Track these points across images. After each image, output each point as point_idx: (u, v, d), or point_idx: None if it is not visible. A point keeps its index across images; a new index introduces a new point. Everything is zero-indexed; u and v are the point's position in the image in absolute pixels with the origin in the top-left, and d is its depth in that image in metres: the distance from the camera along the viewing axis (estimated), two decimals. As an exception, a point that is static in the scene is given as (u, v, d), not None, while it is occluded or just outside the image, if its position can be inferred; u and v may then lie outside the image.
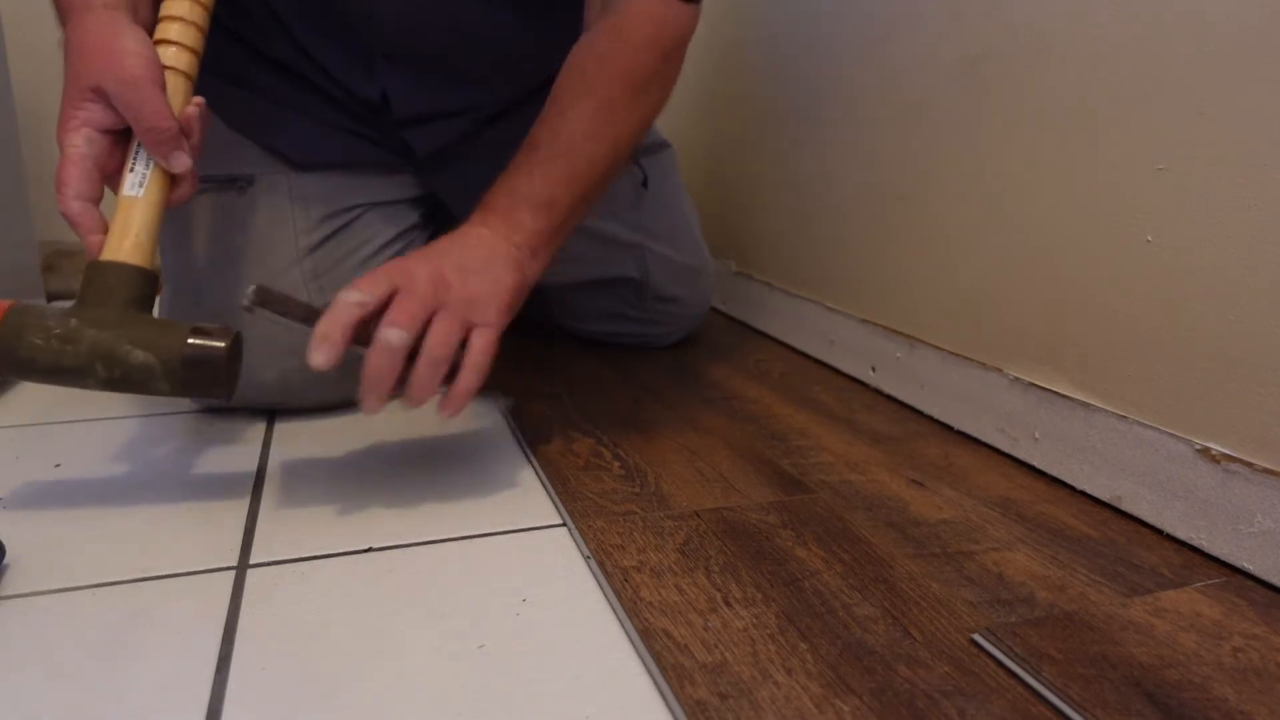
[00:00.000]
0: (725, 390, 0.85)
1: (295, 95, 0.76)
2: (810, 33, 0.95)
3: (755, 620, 0.46)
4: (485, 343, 0.56)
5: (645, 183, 0.92)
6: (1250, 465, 0.51)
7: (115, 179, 0.56)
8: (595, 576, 0.51)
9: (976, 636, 0.45)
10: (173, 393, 0.53)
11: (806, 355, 0.97)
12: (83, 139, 0.53)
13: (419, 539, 0.55)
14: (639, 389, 0.85)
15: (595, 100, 0.66)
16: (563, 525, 0.57)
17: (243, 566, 0.52)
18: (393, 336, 0.52)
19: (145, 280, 0.54)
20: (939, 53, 0.75)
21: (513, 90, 0.81)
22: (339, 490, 0.62)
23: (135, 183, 0.55)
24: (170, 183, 0.57)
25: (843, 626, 0.46)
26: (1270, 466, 0.50)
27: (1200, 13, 0.53)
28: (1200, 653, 0.44)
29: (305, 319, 0.54)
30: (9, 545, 0.52)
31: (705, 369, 0.92)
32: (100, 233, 0.54)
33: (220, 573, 0.51)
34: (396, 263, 0.58)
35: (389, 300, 0.54)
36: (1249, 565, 0.52)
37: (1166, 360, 0.57)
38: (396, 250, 0.79)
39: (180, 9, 0.58)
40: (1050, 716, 0.39)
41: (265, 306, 0.53)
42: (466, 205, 0.82)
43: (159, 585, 0.49)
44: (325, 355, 0.51)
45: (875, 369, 0.86)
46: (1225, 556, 0.53)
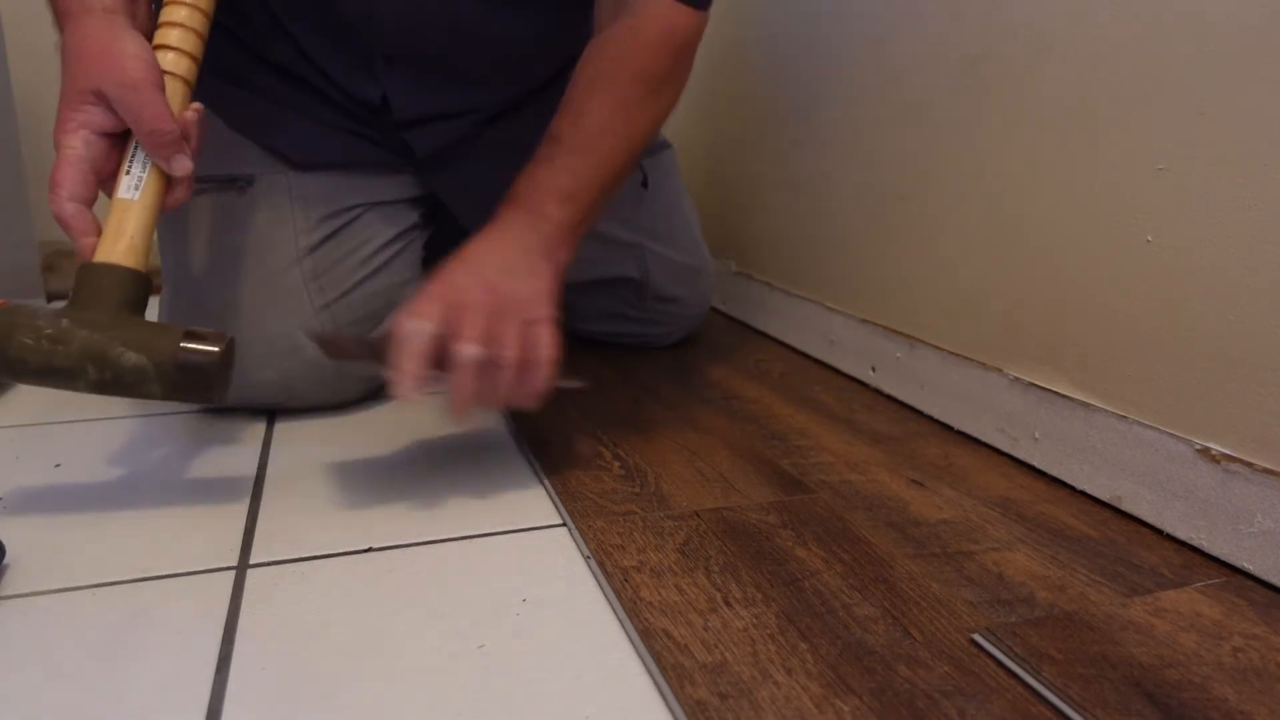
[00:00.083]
0: (725, 390, 0.85)
1: (295, 96, 0.76)
2: (810, 33, 0.95)
3: (755, 620, 0.46)
4: (548, 337, 0.58)
5: (645, 183, 0.92)
6: (1250, 465, 0.51)
7: (110, 183, 0.55)
8: (595, 576, 0.51)
9: (976, 636, 0.45)
10: (164, 396, 0.52)
11: (806, 355, 0.97)
12: (80, 141, 0.53)
13: (419, 539, 0.55)
14: (639, 389, 0.85)
15: (613, 98, 0.67)
16: (563, 525, 0.57)
17: (243, 566, 0.52)
18: (472, 353, 0.54)
19: (139, 283, 0.54)
20: (939, 53, 0.75)
21: (513, 91, 0.81)
22: (339, 490, 0.62)
23: (131, 185, 0.55)
24: (166, 186, 0.56)
25: (843, 626, 0.46)
26: (1270, 466, 0.50)
27: (1200, 13, 0.53)
28: (1200, 653, 0.44)
29: (372, 357, 0.56)
30: (9, 545, 0.52)
31: (705, 369, 0.92)
32: (93, 235, 0.54)
33: (220, 573, 0.51)
34: (443, 280, 0.59)
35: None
36: (1249, 565, 0.52)
37: (1166, 360, 0.57)
38: (396, 250, 0.79)
39: (179, 15, 0.58)
40: (1050, 716, 0.39)
41: (326, 352, 0.55)
42: (466, 205, 0.83)
43: (159, 585, 0.49)
44: (413, 390, 0.54)
45: (875, 369, 0.86)
46: (1225, 556, 0.53)
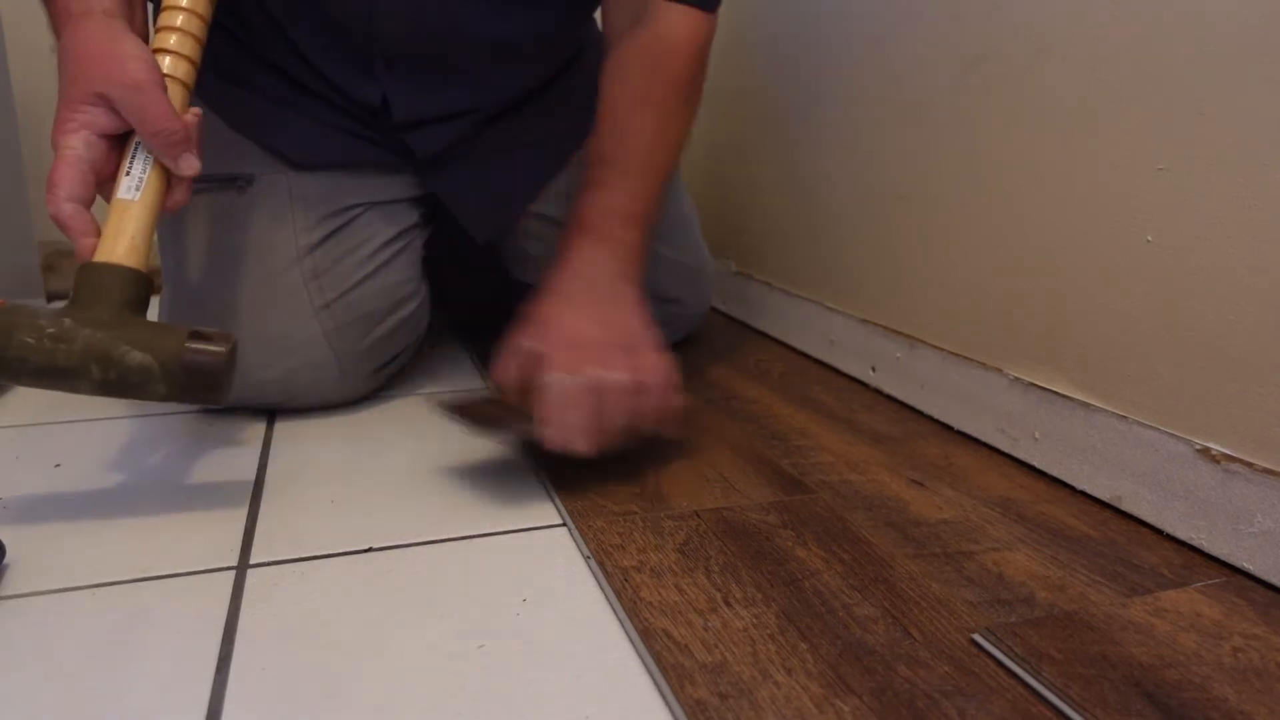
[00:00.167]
0: (725, 390, 0.85)
1: (294, 96, 0.76)
2: (810, 33, 0.95)
3: (755, 620, 0.46)
4: (662, 363, 0.61)
5: (645, 183, 0.92)
6: (1250, 465, 0.51)
7: (108, 186, 0.55)
8: (595, 576, 0.51)
9: (976, 636, 0.45)
10: (168, 396, 0.52)
11: (806, 355, 0.97)
12: (80, 141, 0.53)
13: (419, 539, 0.55)
14: (639, 389, 0.85)
15: (655, 112, 0.69)
16: (563, 525, 0.57)
17: (243, 566, 0.52)
18: (613, 379, 0.58)
19: (141, 283, 0.53)
20: (939, 53, 0.75)
21: (513, 91, 0.81)
22: (339, 490, 0.62)
23: (131, 186, 0.54)
24: (166, 188, 0.56)
25: (843, 626, 0.46)
26: (1270, 466, 0.50)
27: (1200, 13, 0.53)
28: (1200, 653, 0.44)
29: (523, 418, 0.58)
30: (9, 545, 0.52)
31: (705, 369, 0.92)
32: (93, 235, 0.53)
33: (220, 573, 0.51)
34: (550, 322, 0.61)
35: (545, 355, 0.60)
36: (1249, 565, 0.52)
37: (1166, 360, 0.57)
38: (396, 249, 0.79)
39: (176, 20, 0.58)
40: (1050, 716, 0.39)
41: (470, 426, 0.57)
42: (465, 205, 0.83)
43: (159, 585, 0.49)
44: (585, 442, 0.57)
45: (875, 369, 0.86)
46: (1225, 556, 0.53)
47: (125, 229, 0.54)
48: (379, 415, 0.78)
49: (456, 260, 0.94)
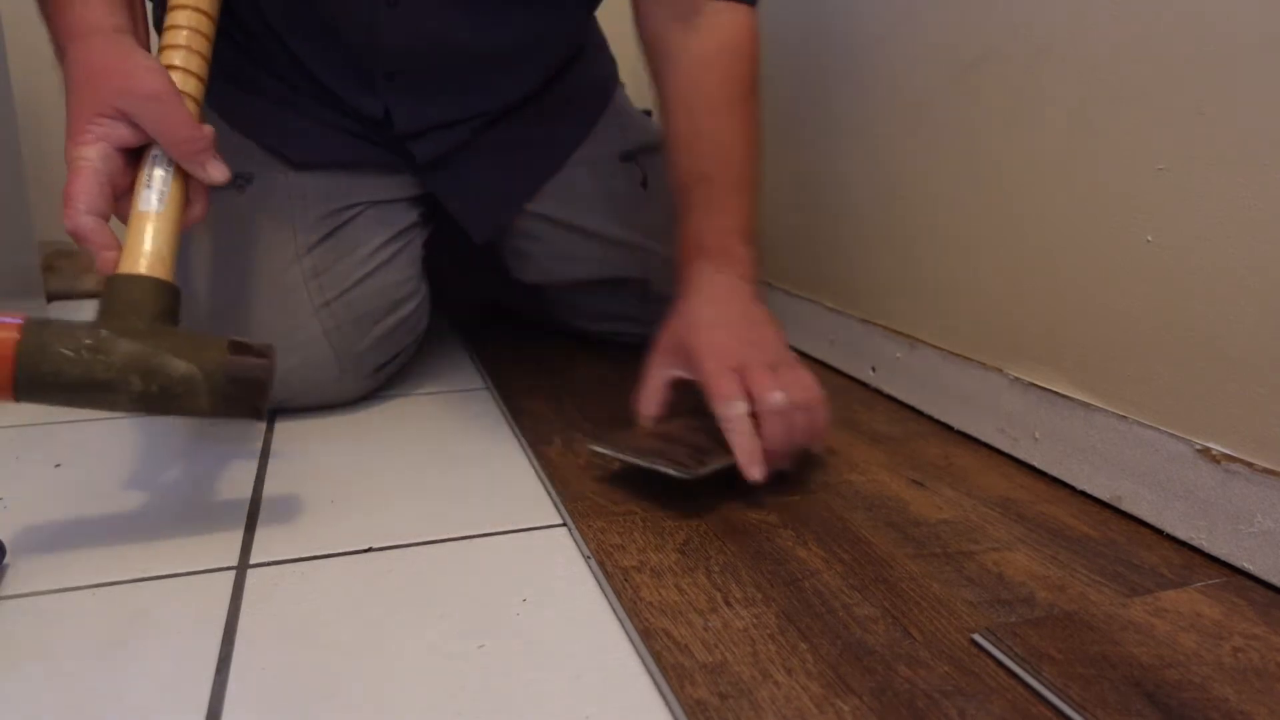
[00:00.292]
0: (725, 390, 0.85)
1: (295, 97, 0.76)
2: (810, 33, 0.95)
3: (755, 620, 0.46)
4: (810, 378, 0.61)
5: (645, 182, 0.92)
6: (1250, 465, 0.51)
7: (124, 201, 0.53)
8: (595, 576, 0.51)
9: (976, 636, 0.45)
10: (210, 410, 0.49)
11: (807, 355, 0.97)
12: (97, 153, 0.51)
13: (419, 539, 0.55)
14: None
15: (738, 120, 0.69)
16: (563, 525, 0.57)
17: (243, 566, 0.52)
18: (779, 400, 0.57)
19: (171, 294, 0.52)
20: (939, 53, 0.75)
21: (514, 95, 0.81)
22: (339, 490, 0.62)
23: (152, 199, 0.53)
24: (185, 201, 0.55)
25: (843, 626, 0.46)
26: (1270, 466, 0.50)
27: (1200, 13, 0.53)
28: (1200, 653, 0.44)
29: (727, 452, 0.58)
30: (9, 545, 0.52)
31: (705, 369, 0.92)
32: (114, 249, 0.52)
33: (220, 573, 0.51)
34: (712, 350, 0.61)
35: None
36: (1249, 565, 0.52)
37: (1166, 360, 0.57)
38: (396, 249, 0.79)
39: (180, 38, 0.57)
40: (1050, 716, 0.39)
41: (691, 475, 0.56)
42: (464, 205, 0.83)
43: (159, 585, 0.49)
44: (763, 471, 0.57)
45: (875, 369, 0.86)
46: (1225, 556, 0.53)
47: (150, 240, 0.52)
48: (379, 415, 0.78)
49: (456, 260, 0.94)
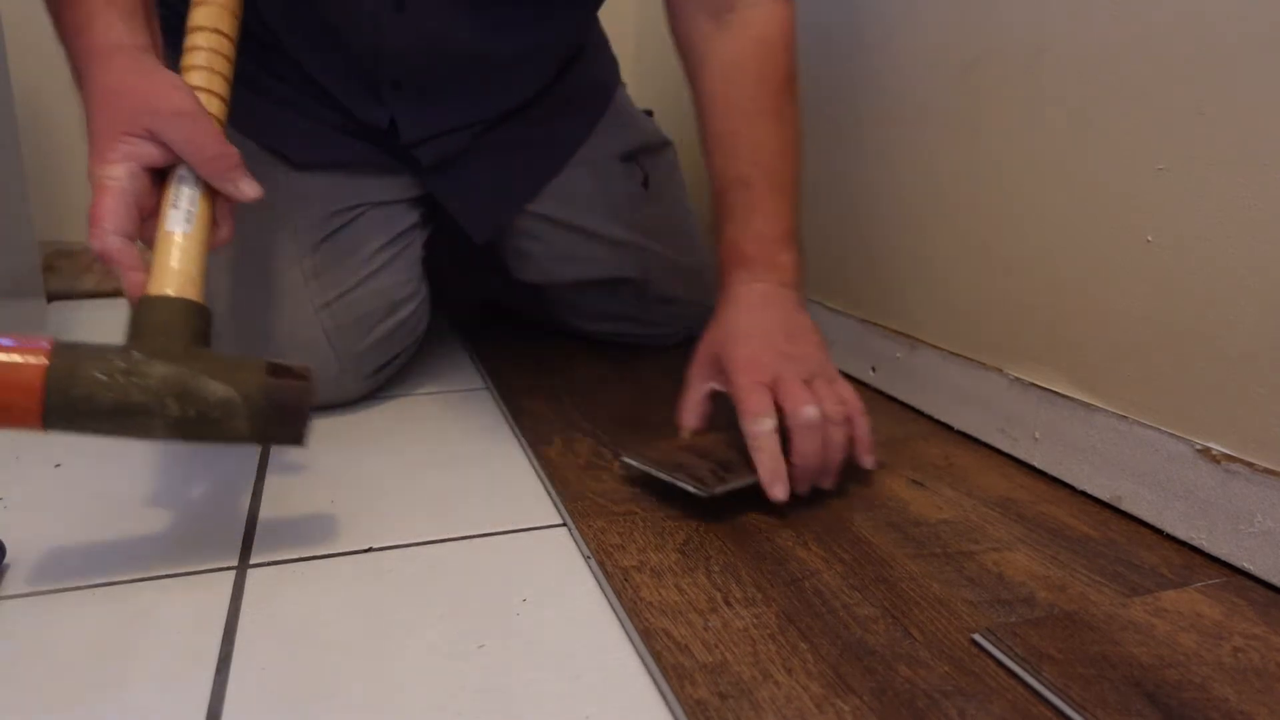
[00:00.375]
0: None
1: (296, 97, 0.76)
2: (810, 33, 0.95)
3: (755, 620, 0.46)
4: (848, 390, 0.61)
5: (646, 182, 0.92)
6: (1250, 465, 0.51)
7: (150, 223, 0.52)
8: (595, 576, 0.51)
9: (976, 636, 0.45)
10: (250, 435, 0.48)
11: (806, 355, 0.97)
12: (124, 172, 0.50)
13: (419, 539, 0.55)
14: (639, 389, 0.85)
15: (775, 120, 0.67)
16: (563, 525, 0.57)
17: (243, 566, 0.52)
18: (812, 414, 0.56)
19: (202, 316, 0.50)
20: (939, 53, 0.75)
21: (517, 98, 0.81)
22: (339, 490, 0.62)
23: (180, 219, 0.51)
24: (212, 222, 0.54)
25: (843, 626, 0.46)
26: (1270, 466, 0.50)
27: (1200, 13, 0.53)
28: (1200, 653, 0.44)
29: (751, 470, 0.57)
30: (9, 545, 0.52)
31: (705, 369, 0.92)
32: (141, 270, 0.50)
33: (220, 573, 0.51)
34: (745, 363, 0.60)
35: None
36: (1249, 565, 0.52)
37: (1166, 360, 0.57)
38: (396, 250, 0.79)
39: (201, 58, 0.56)
40: (1050, 716, 0.39)
41: (709, 492, 0.56)
42: (464, 205, 0.83)
43: (159, 585, 0.49)
44: (785, 489, 0.56)
45: (875, 369, 0.86)
46: (1225, 556, 0.53)
47: (179, 261, 0.50)
48: (379, 415, 0.78)
49: (456, 260, 0.94)
